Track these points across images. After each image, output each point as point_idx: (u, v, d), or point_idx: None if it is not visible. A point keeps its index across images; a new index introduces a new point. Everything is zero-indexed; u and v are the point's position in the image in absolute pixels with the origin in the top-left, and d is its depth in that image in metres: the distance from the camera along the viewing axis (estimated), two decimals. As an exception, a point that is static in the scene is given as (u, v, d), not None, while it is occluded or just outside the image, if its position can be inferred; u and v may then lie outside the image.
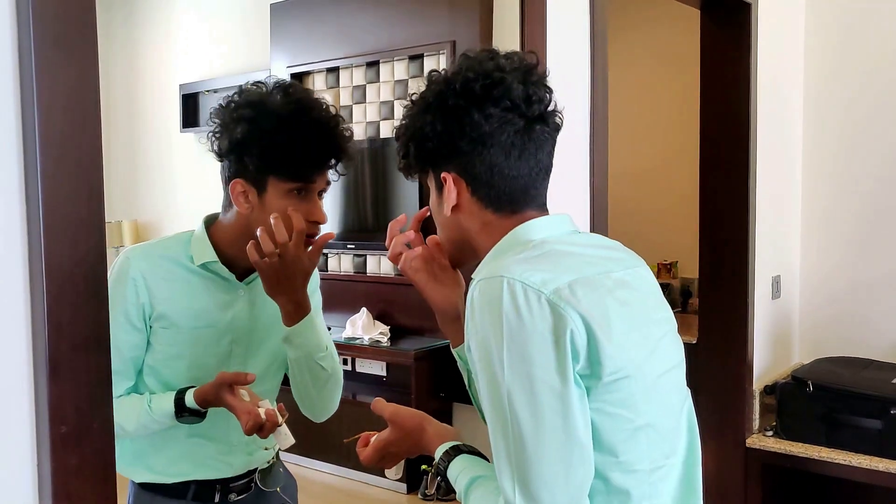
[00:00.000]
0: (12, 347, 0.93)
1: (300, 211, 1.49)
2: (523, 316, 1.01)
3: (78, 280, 0.95)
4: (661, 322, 1.18)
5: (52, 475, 0.92)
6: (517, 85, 1.14)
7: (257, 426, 1.43)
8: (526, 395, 1.01)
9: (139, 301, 1.51)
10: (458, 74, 1.16)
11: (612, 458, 1.06)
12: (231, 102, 1.51)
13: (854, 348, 3.10)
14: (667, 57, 4.85)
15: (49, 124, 0.91)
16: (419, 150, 1.20)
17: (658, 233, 4.78)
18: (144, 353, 1.55)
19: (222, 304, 1.58)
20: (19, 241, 0.92)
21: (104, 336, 0.98)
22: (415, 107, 1.20)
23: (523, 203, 1.18)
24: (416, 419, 1.27)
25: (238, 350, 1.60)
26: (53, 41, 0.91)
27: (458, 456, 1.18)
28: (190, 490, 1.61)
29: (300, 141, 1.46)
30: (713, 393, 2.92)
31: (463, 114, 1.14)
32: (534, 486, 1.00)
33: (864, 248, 3.15)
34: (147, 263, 1.53)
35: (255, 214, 1.51)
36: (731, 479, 2.88)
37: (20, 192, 0.92)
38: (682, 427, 1.18)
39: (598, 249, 1.19)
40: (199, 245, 1.57)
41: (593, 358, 1.03)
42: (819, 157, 3.23)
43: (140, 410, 1.51)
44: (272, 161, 1.46)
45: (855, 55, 3.14)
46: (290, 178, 1.48)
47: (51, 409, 0.92)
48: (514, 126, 1.14)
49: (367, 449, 1.29)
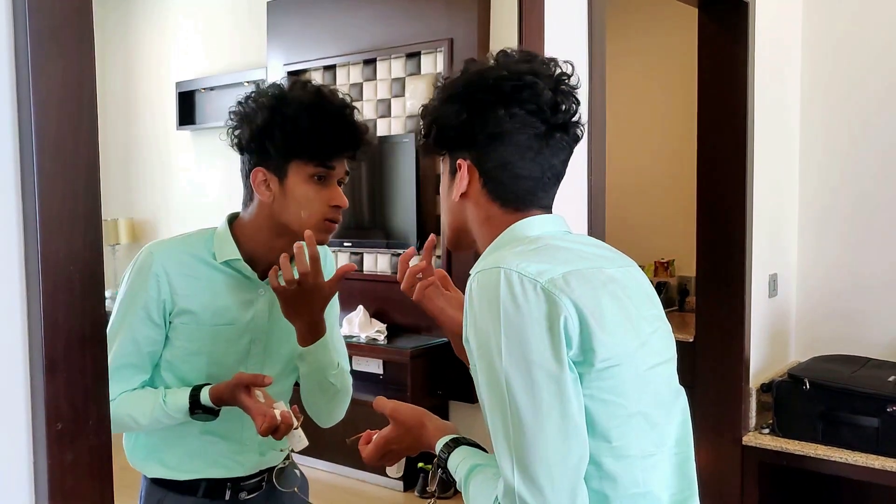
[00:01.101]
0: (8, 344, 0.92)
1: (321, 197, 1.52)
2: (519, 303, 1.05)
3: (74, 277, 0.94)
4: (651, 319, 1.20)
5: (48, 472, 0.92)
6: (547, 91, 1.17)
7: (272, 428, 1.43)
8: (523, 379, 1.04)
9: (160, 296, 1.51)
10: (493, 70, 1.19)
11: (605, 444, 1.09)
12: (248, 96, 1.54)
13: (851, 346, 3.11)
14: (664, 55, 4.85)
15: (45, 120, 0.90)
16: (440, 133, 1.23)
17: (655, 231, 4.78)
18: (162, 348, 1.55)
19: (243, 302, 1.58)
20: (15, 237, 0.92)
21: (100, 333, 0.98)
22: (445, 91, 1.23)
23: (528, 203, 1.21)
24: (416, 415, 1.29)
25: (256, 350, 1.61)
26: (49, 37, 0.91)
27: (458, 447, 1.21)
28: (201, 487, 1.62)
29: (322, 124, 1.49)
30: (710, 391, 2.92)
31: (488, 109, 1.17)
32: (532, 468, 1.03)
33: (861, 246, 3.15)
34: (170, 259, 1.54)
35: (276, 204, 1.52)
36: (728, 477, 2.88)
37: (16, 189, 0.92)
38: (674, 421, 1.20)
39: (592, 248, 1.23)
40: (222, 242, 1.57)
41: (586, 345, 1.06)
42: (816, 155, 3.24)
43: (154, 404, 1.51)
44: (294, 144, 1.49)
45: (852, 52, 3.14)
46: (312, 159, 1.50)
47: (47, 406, 0.92)
48: (535, 129, 1.18)
49: (369, 447, 1.31)
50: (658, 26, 4.90)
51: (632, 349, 1.11)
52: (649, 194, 4.93)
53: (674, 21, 4.65)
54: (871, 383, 2.66)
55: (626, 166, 4.75)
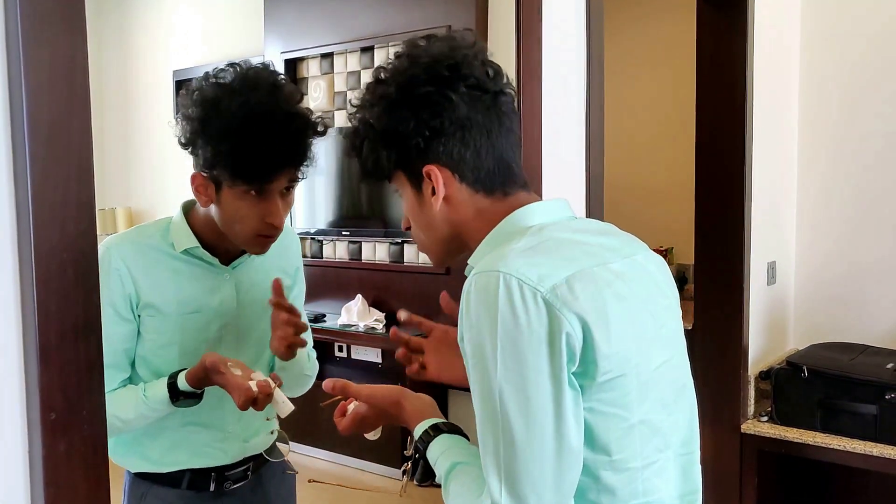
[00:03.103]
0: (2, 333, 0.92)
1: (256, 211, 1.44)
2: (518, 315, 0.98)
3: (67, 265, 0.93)
4: (658, 313, 1.14)
5: (42, 462, 0.91)
6: (475, 62, 1.12)
7: (250, 400, 1.40)
8: (518, 395, 0.99)
9: (125, 291, 1.49)
10: (414, 65, 1.11)
11: (604, 457, 1.04)
12: (191, 91, 1.45)
13: (849, 334, 3.10)
14: (663, 42, 4.84)
15: (37, 105, 0.89)
16: (398, 150, 1.13)
17: (654, 219, 4.78)
18: (136, 344, 1.53)
19: (209, 289, 1.56)
20: (7, 224, 0.91)
21: (94, 322, 0.97)
22: (373, 110, 1.13)
23: (510, 182, 1.15)
24: (391, 398, 1.26)
25: (229, 336, 1.59)
26: (41, 20, 0.89)
27: (438, 437, 1.17)
28: (185, 478, 1.60)
29: (250, 146, 1.38)
30: (708, 379, 2.92)
31: (438, 99, 1.09)
32: (521, 487, 0.99)
33: (860, 233, 3.15)
34: (129, 253, 1.51)
35: (214, 210, 1.48)
36: (727, 465, 2.89)
37: (9, 175, 0.91)
38: (680, 420, 1.17)
39: (597, 237, 1.15)
40: (178, 232, 1.54)
41: (588, 359, 1.01)
42: (815, 143, 3.23)
43: (136, 400, 1.49)
44: (224, 162, 1.41)
45: (851, 39, 3.12)
46: (242, 181, 1.42)
47: (41, 395, 0.91)
48: (484, 103, 1.12)
49: (345, 420, 1.29)
50: (657, 13, 4.88)
51: (636, 356, 1.06)
52: (648, 182, 4.93)
53: (673, 8, 4.63)
54: (869, 370, 2.66)
55: (625, 153, 4.74)
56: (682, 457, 1.17)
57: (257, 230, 1.46)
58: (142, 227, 1.60)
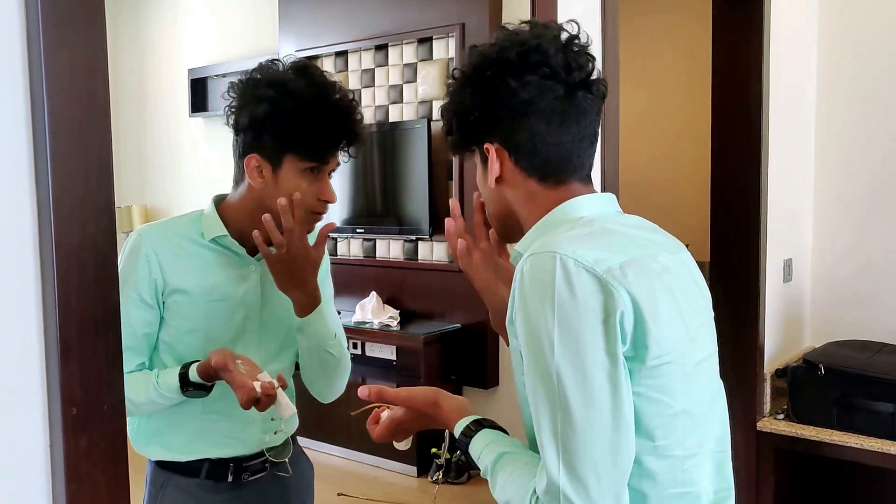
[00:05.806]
0: (24, 330, 0.93)
1: (312, 190, 1.54)
2: (576, 293, 1.00)
3: (88, 262, 0.94)
4: (699, 311, 1.17)
5: (63, 457, 0.92)
6: (555, 52, 1.13)
7: (252, 401, 1.43)
8: (576, 373, 1.00)
9: (151, 277, 1.53)
10: (494, 46, 1.17)
11: (648, 443, 1.05)
12: (251, 79, 1.55)
13: (866, 332, 3.08)
14: (678, 39, 4.82)
15: (58, 105, 0.90)
16: (461, 124, 1.21)
17: (669, 216, 4.74)
18: (157, 330, 1.57)
19: (235, 278, 1.60)
20: (29, 222, 0.92)
21: (114, 318, 0.98)
22: (455, 83, 1.22)
23: (567, 172, 1.17)
24: (430, 398, 1.26)
25: (251, 326, 1.62)
26: (61, 21, 0.90)
27: (480, 431, 1.17)
28: (203, 468, 1.62)
29: (320, 123, 1.51)
30: (724, 376, 2.88)
31: (500, 83, 1.14)
32: (580, 468, 0.99)
33: (877, 231, 3.13)
34: (159, 240, 1.57)
35: (267, 190, 1.54)
36: (743, 463, 2.87)
37: (30, 174, 0.92)
38: (715, 418, 1.18)
39: (644, 231, 1.18)
40: (209, 221, 1.60)
41: (639, 341, 1.02)
42: (831, 140, 3.21)
43: (148, 385, 1.53)
44: (292, 141, 1.51)
45: (868, 37, 3.11)
46: (308, 157, 1.52)
47: (62, 390, 0.92)
48: (554, 93, 1.14)
49: (379, 427, 1.29)
50: (672, 10, 4.87)
51: (682, 346, 1.08)
52: (663, 179, 4.91)
53: (689, 7, 4.61)
54: (886, 369, 2.64)
55: (640, 151, 4.73)
56: (717, 454, 1.18)
57: (312, 207, 1.56)
58: (175, 218, 1.67)
